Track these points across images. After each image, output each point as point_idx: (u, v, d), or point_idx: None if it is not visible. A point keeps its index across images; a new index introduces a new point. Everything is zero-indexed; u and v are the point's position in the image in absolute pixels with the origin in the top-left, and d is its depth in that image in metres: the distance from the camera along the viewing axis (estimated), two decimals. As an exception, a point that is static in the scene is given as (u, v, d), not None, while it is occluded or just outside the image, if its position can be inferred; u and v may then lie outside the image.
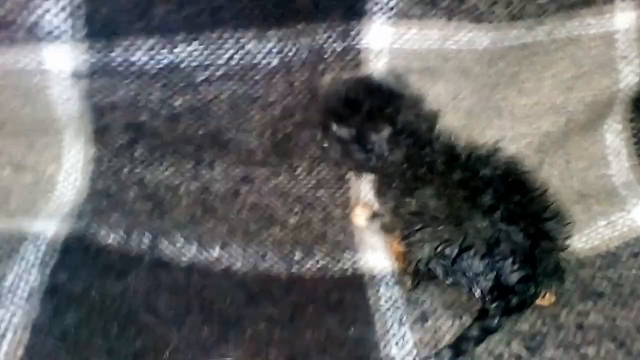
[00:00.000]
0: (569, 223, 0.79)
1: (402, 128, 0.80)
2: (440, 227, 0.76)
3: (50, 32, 0.81)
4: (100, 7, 0.81)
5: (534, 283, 0.74)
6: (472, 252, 0.74)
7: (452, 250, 0.74)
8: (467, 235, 0.74)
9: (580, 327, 0.76)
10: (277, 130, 0.92)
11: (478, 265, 0.74)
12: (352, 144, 0.82)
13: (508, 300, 0.73)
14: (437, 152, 0.81)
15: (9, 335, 0.65)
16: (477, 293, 0.75)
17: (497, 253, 0.73)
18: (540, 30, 0.93)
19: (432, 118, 0.84)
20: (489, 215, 0.74)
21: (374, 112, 0.80)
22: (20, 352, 0.64)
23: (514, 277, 0.73)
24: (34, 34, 0.81)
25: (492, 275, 0.73)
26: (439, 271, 0.76)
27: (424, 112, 0.84)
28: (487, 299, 0.74)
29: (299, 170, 0.95)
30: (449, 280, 0.77)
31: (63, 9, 0.80)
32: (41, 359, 0.64)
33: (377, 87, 0.84)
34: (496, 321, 0.73)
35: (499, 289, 0.74)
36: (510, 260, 0.73)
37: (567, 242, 0.79)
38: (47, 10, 0.80)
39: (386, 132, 0.80)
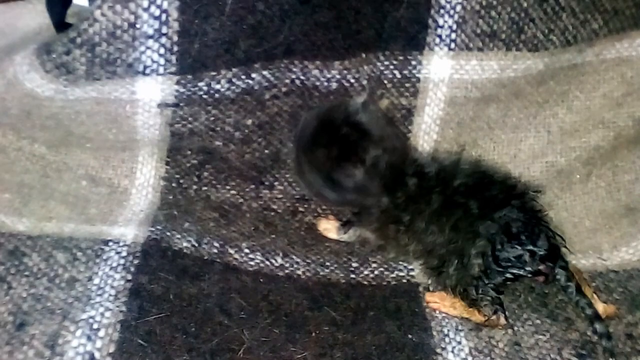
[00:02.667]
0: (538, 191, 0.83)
1: (373, 164, 0.82)
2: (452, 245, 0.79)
3: (146, 67, 0.89)
4: (192, 44, 0.89)
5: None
6: (499, 245, 0.77)
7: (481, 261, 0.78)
8: (480, 236, 0.77)
9: (630, 336, 0.79)
10: None
11: (512, 250, 0.77)
12: (323, 187, 0.85)
13: (559, 255, 0.78)
14: (411, 176, 0.83)
15: (102, 332, 0.70)
16: (543, 267, 0.78)
17: (516, 232, 0.77)
18: (590, 52, 0.97)
19: (403, 148, 0.88)
20: (485, 211, 0.78)
21: (343, 155, 0.82)
22: (112, 348, 0.69)
23: (543, 240, 0.78)
24: (132, 70, 0.89)
25: (531, 247, 0.77)
26: (493, 276, 0.79)
27: (393, 145, 0.85)
28: (548, 266, 0.78)
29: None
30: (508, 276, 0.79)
31: (160, 47, 0.88)
32: (130, 355, 0.69)
33: (346, 124, 0.83)
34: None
35: (550, 252, 0.78)
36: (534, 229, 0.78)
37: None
38: (147, 49, 0.88)
39: (358, 173, 0.82)
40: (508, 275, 0.78)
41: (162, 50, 0.88)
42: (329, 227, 0.94)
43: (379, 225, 0.87)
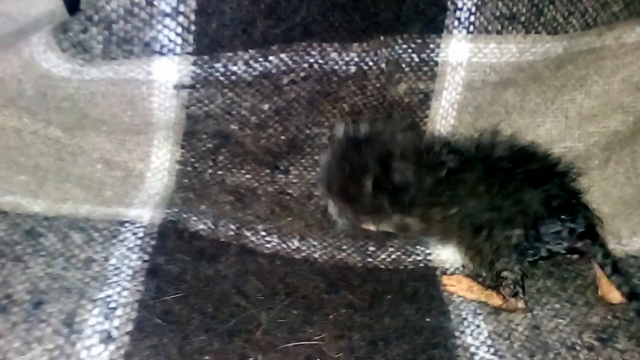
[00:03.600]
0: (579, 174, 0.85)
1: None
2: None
3: (163, 47, 0.88)
4: (210, 24, 0.87)
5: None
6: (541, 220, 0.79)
7: (522, 232, 0.79)
8: (526, 204, 0.79)
9: (649, 319, 0.79)
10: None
11: (551, 225, 0.79)
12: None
13: (596, 232, 0.80)
14: (449, 153, 0.85)
15: (119, 311, 0.70)
16: (580, 245, 0.80)
17: (556, 208, 0.79)
18: (610, 36, 0.96)
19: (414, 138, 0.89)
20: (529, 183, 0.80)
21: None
22: (129, 327, 0.69)
23: (581, 218, 0.80)
24: (149, 49, 0.88)
25: (569, 224, 0.79)
26: (529, 253, 0.80)
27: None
28: (586, 243, 0.80)
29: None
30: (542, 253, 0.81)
31: (177, 26, 0.87)
32: (148, 333, 0.69)
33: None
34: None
35: (588, 229, 0.80)
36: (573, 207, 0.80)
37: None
38: (164, 28, 0.87)
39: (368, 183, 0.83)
40: (543, 254, 0.79)
41: (179, 29, 0.87)
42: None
43: (422, 209, 0.86)
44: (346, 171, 0.85)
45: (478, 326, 0.78)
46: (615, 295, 0.79)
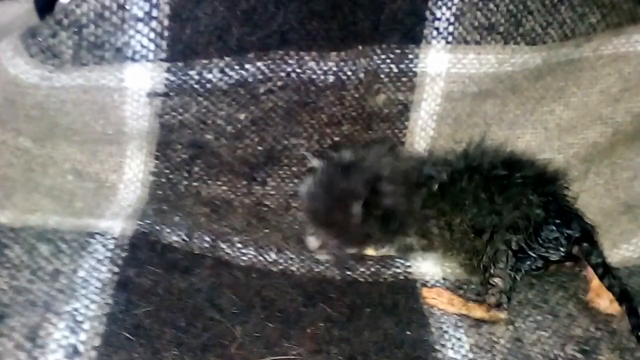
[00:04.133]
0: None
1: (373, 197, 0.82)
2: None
3: (135, 53, 0.86)
4: (183, 30, 0.86)
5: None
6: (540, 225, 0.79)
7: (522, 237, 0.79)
8: (516, 218, 0.79)
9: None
10: (324, 135, 0.95)
11: (549, 232, 0.79)
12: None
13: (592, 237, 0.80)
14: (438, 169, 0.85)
15: (86, 325, 0.67)
16: (575, 250, 0.80)
17: (552, 215, 0.80)
18: (588, 47, 0.96)
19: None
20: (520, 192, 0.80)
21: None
22: (97, 341, 0.66)
23: (576, 223, 0.81)
24: (120, 55, 0.86)
25: (565, 230, 0.80)
26: (528, 259, 0.80)
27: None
28: (583, 247, 0.80)
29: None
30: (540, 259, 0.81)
31: (150, 32, 0.85)
32: (116, 348, 0.66)
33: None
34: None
35: (583, 234, 0.80)
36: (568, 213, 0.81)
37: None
38: (136, 33, 0.85)
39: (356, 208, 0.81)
40: (540, 260, 0.80)
41: (152, 35, 0.85)
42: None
43: (420, 226, 0.85)
44: (332, 199, 0.83)
45: (459, 339, 0.76)
46: (603, 303, 0.79)
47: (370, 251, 0.89)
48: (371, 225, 0.83)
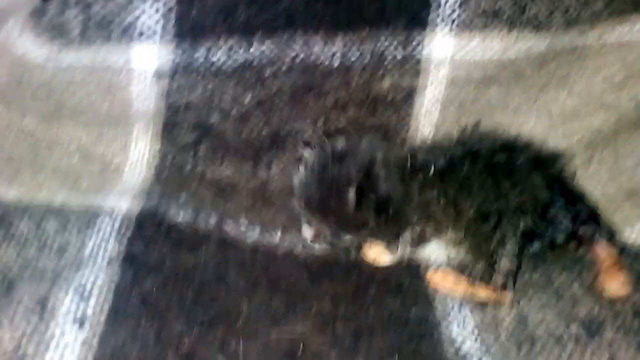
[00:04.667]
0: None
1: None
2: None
3: (142, 33, 0.86)
4: (190, 9, 0.86)
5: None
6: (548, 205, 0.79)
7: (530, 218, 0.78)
8: (524, 199, 0.78)
9: (637, 314, 0.77)
10: (329, 121, 0.95)
11: (556, 212, 0.79)
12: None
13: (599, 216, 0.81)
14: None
15: (95, 295, 0.68)
16: (582, 230, 0.80)
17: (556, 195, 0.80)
18: (591, 35, 0.96)
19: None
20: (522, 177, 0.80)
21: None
22: (105, 312, 0.67)
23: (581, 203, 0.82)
24: (127, 34, 0.86)
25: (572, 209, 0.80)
26: (536, 239, 0.80)
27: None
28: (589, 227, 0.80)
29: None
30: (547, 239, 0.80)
31: (157, 11, 0.85)
32: (124, 319, 0.66)
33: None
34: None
35: (589, 214, 0.81)
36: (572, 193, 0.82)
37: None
38: (144, 12, 0.85)
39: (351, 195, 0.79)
40: (544, 244, 0.79)
41: (158, 14, 0.85)
42: (379, 251, 0.86)
43: (424, 213, 0.82)
44: (327, 185, 0.81)
45: (464, 318, 0.76)
46: (614, 285, 0.78)
47: (385, 258, 0.86)
48: (366, 211, 0.80)
